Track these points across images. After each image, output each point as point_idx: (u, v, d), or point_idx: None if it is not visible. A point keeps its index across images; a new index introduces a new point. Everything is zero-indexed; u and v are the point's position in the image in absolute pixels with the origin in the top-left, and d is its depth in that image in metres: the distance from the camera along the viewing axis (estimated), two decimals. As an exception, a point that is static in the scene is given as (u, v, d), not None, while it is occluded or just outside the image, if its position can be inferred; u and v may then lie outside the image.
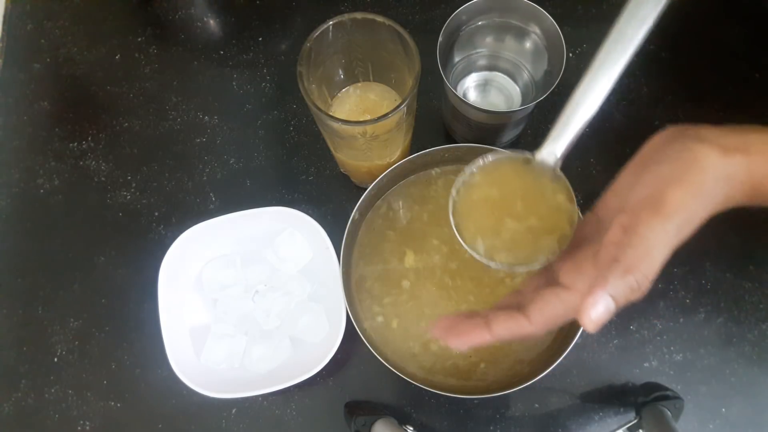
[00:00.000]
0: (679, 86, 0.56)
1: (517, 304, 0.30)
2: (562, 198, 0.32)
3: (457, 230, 0.32)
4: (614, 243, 0.27)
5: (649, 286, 0.27)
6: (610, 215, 0.29)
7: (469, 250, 0.32)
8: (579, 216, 0.32)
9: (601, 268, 0.26)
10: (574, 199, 0.32)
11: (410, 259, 0.47)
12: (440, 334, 0.31)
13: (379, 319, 0.46)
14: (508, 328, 0.29)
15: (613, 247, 0.26)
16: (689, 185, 0.27)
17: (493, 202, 0.33)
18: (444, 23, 0.44)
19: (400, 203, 0.48)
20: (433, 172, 0.49)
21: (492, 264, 0.31)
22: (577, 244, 0.31)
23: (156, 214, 0.55)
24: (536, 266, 0.31)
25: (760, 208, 0.53)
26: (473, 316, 0.31)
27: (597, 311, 0.26)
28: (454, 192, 0.32)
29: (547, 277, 0.31)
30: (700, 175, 0.27)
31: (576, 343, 0.41)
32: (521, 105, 0.50)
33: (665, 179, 0.27)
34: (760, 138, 0.29)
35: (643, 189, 0.28)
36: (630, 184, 0.29)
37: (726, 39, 0.57)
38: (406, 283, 0.47)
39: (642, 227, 0.26)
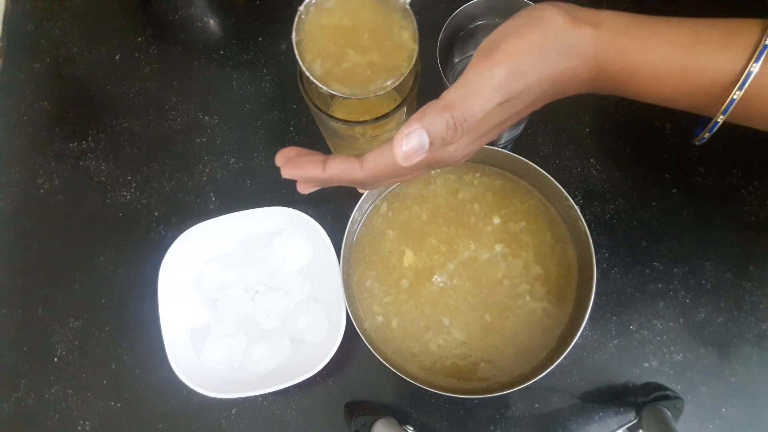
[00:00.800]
0: (679, 86, 0.56)
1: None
2: (407, 35, 0.33)
3: (297, 48, 0.32)
4: (447, 91, 0.27)
5: (467, 130, 0.27)
6: None
7: (304, 69, 0.32)
8: (418, 57, 0.33)
9: (426, 110, 0.27)
10: (417, 38, 0.33)
11: (409, 259, 0.47)
12: (279, 162, 0.32)
13: (379, 319, 0.46)
14: (340, 169, 0.30)
15: (445, 93, 0.27)
16: (525, 38, 0.27)
17: (340, 30, 0.33)
18: (444, 23, 0.44)
19: (400, 203, 0.48)
20: (432, 171, 0.49)
21: (324, 88, 0.32)
22: None
23: (156, 214, 0.55)
24: (368, 96, 0.31)
25: (760, 208, 0.53)
26: (314, 153, 0.31)
27: (409, 143, 0.26)
28: (302, 8, 0.33)
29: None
30: (541, 33, 0.27)
31: (576, 343, 0.41)
32: (521, 105, 0.50)
33: (506, 31, 0.28)
34: (613, 16, 0.28)
35: (486, 40, 0.28)
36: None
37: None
38: (405, 283, 0.47)
39: (470, 71, 0.27)
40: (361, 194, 0.44)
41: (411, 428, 0.46)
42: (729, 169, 0.53)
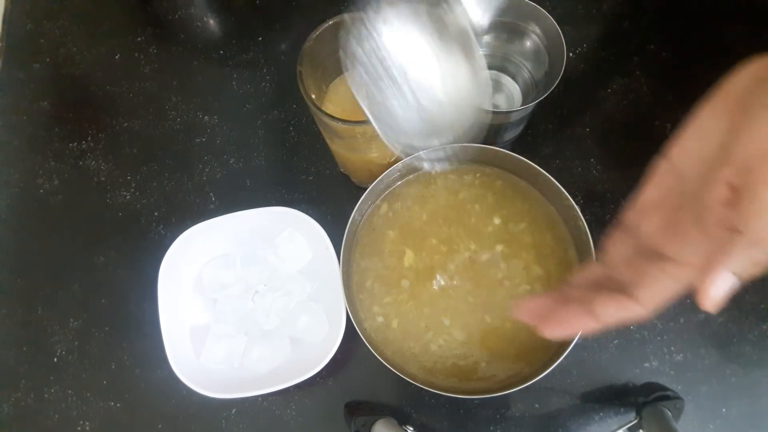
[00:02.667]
0: (679, 86, 0.56)
1: (605, 281, 0.27)
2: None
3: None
4: (721, 204, 0.22)
5: None
6: (698, 167, 0.24)
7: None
8: None
9: (715, 238, 0.23)
10: None
11: (410, 259, 0.47)
12: (532, 321, 0.28)
13: (379, 319, 0.46)
14: (616, 314, 0.26)
15: (721, 209, 0.22)
16: None
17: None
18: (444, 23, 0.44)
19: (400, 203, 0.48)
20: (432, 171, 0.49)
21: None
22: (659, 203, 0.27)
23: (156, 214, 0.55)
24: None
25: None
26: (566, 300, 0.27)
27: (719, 290, 0.23)
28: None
29: (638, 248, 0.27)
30: None
31: (576, 343, 0.41)
32: (521, 105, 0.50)
33: None
34: None
35: (751, 140, 0.22)
36: (722, 130, 0.24)
37: (726, 39, 0.57)
38: (405, 283, 0.47)
39: (762, 188, 0.21)
40: (361, 194, 0.44)
41: (411, 428, 0.46)
42: (729, 169, 0.53)
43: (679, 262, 0.25)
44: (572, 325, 0.27)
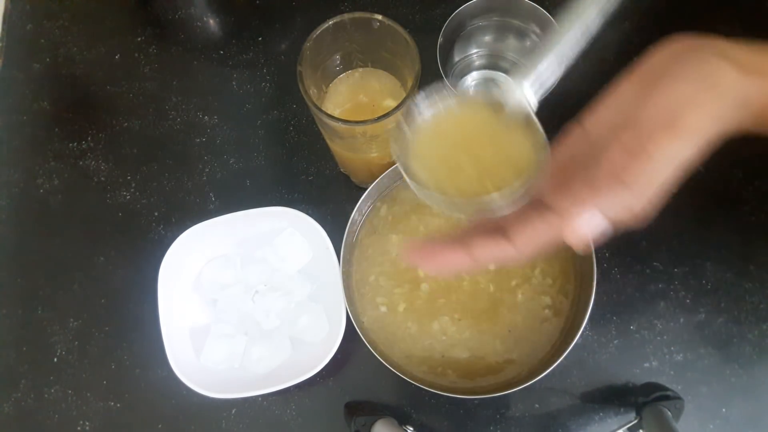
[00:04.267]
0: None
1: (494, 227, 0.27)
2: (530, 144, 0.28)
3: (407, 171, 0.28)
4: (614, 162, 0.24)
5: (645, 211, 0.25)
6: (605, 131, 0.26)
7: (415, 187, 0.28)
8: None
9: (596, 188, 0.24)
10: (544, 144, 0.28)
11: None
12: (414, 259, 0.29)
13: (379, 319, 0.46)
14: (491, 253, 0.27)
15: (613, 168, 0.24)
16: (708, 107, 0.24)
17: (451, 145, 0.29)
18: (444, 23, 0.44)
19: (398, 207, 0.48)
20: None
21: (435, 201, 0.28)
22: (563, 164, 0.28)
23: (156, 214, 0.55)
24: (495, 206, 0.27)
25: (760, 208, 0.53)
26: (450, 240, 0.28)
27: (583, 227, 0.24)
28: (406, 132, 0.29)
29: (531, 202, 0.28)
30: (720, 97, 0.24)
31: (576, 343, 0.41)
32: (521, 105, 0.50)
33: (682, 99, 0.24)
34: None
35: (654, 107, 0.25)
36: (633, 99, 0.26)
37: (725, 34, 0.57)
38: (406, 284, 0.47)
39: (652, 146, 0.24)
40: (361, 194, 0.44)
41: (411, 428, 0.46)
42: (729, 169, 0.53)
43: (557, 209, 0.26)
44: (448, 262, 0.28)
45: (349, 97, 0.46)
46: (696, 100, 0.24)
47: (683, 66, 0.25)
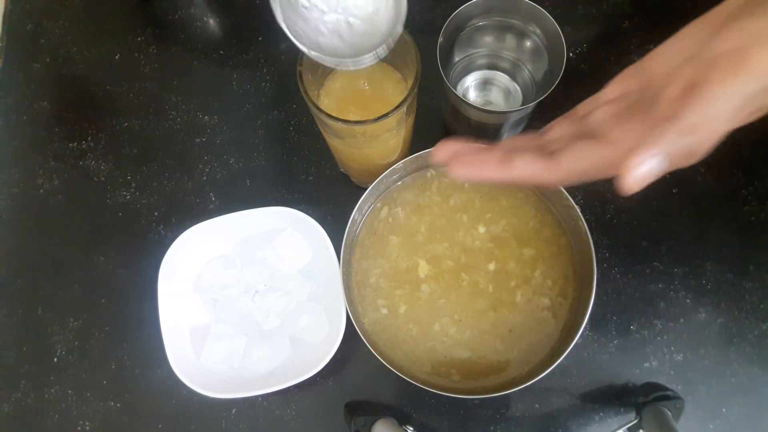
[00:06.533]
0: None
1: (538, 148, 0.26)
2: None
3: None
4: (674, 99, 0.22)
5: (705, 154, 0.23)
6: (667, 72, 0.25)
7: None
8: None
9: (655, 125, 0.23)
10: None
11: (424, 270, 0.47)
12: (444, 158, 0.27)
13: (380, 319, 0.46)
14: (532, 168, 0.25)
15: (673, 103, 0.22)
16: None
17: None
18: (444, 23, 0.44)
19: (399, 209, 0.48)
20: (428, 174, 0.49)
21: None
22: (621, 98, 0.26)
23: (156, 214, 0.55)
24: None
25: (760, 208, 0.53)
26: (488, 147, 0.26)
27: (644, 168, 0.22)
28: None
29: (580, 129, 0.27)
30: None
31: (576, 343, 0.41)
32: (522, 104, 0.50)
33: (753, 35, 0.22)
34: None
35: (722, 43, 0.22)
36: (699, 40, 0.24)
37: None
38: (407, 285, 0.47)
39: (714, 86, 0.22)
40: (361, 194, 0.44)
41: (411, 428, 0.46)
42: (729, 169, 0.53)
43: (611, 140, 0.24)
44: (483, 170, 0.26)
45: (349, 97, 0.46)
46: (764, 38, 0.22)
47: (756, 7, 0.23)
